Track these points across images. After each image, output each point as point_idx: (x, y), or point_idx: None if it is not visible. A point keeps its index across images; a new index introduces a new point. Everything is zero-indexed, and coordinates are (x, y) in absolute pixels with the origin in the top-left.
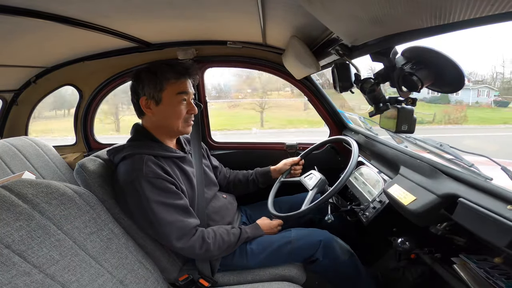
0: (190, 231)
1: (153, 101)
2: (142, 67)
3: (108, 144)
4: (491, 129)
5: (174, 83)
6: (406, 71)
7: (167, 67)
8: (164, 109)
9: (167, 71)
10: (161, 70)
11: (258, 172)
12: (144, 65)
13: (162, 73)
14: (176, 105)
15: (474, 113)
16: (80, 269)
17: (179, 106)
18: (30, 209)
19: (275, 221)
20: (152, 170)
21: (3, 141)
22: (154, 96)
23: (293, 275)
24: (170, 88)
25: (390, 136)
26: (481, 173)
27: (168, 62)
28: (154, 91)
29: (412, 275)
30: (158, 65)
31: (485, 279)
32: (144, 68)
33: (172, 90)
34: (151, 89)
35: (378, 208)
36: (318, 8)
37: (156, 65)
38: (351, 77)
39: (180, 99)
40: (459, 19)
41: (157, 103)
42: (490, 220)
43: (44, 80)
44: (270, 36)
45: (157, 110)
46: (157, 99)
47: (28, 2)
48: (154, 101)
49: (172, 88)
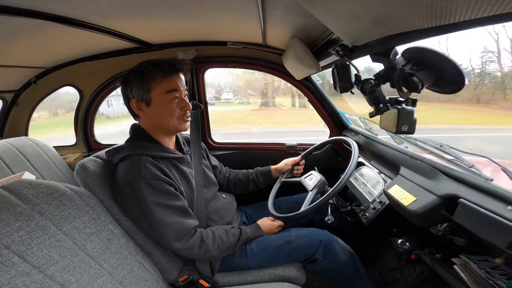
0: (189, 232)
1: (143, 102)
2: (129, 69)
3: (109, 144)
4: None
5: (161, 82)
6: (407, 72)
7: (153, 67)
8: (155, 110)
9: (153, 71)
10: (147, 70)
11: (258, 172)
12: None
13: (149, 73)
14: (168, 104)
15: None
16: (80, 269)
17: (171, 105)
18: (30, 210)
19: (276, 222)
20: (150, 172)
21: (3, 142)
22: (144, 98)
23: (293, 276)
24: (158, 87)
25: (390, 137)
26: (481, 174)
27: (154, 62)
28: (142, 92)
29: (411, 275)
30: (144, 65)
31: (485, 280)
32: (130, 71)
33: (161, 89)
34: (139, 91)
35: (378, 208)
36: (318, 8)
37: (142, 66)
38: (351, 78)
39: (171, 97)
40: (460, 20)
41: (147, 104)
42: (490, 221)
43: (45, 81)
44: (270, 37)
45: (149, 111)
46: (147, 100)
47: (28, 2)
48: (144, 103)
49: (160, 88)
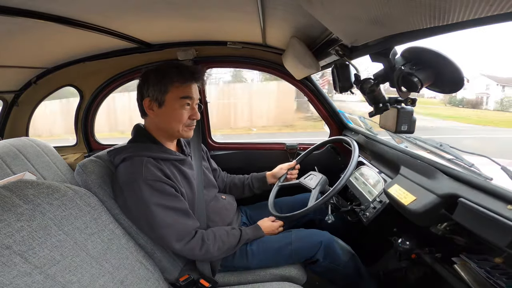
0: (190, 233)
1: (156, 103)
2: (150, 67)
3: (109, 145)
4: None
5: (179, 87)
6: (406, 72)
7: (174, 70)
8: (166, 112)
9: (173, 74)
10: (168, 72)
11: (254, 177)
12: (152, 65)
13: (169, 75)
14: (178, 109)
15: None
16: (81, 269)
17: (181, 110)
18: (32, 210)
19: (276, 223)
20: (151, 173)
21: (4, 142)
22: (158, 98)
23: (293, 276)
24: (175, 91)
25: (390, 137)
26: (481, 173)
27: (176, 65)
28: (158, 93)
29: (414, 275)
30: (166, 67)
31: (485, 279)
32: (152, 69)
33: (176, 93)
34: (155, 91)
35: (378, 208)
36: (318, 9)
37: (164, 67)
38: (351, 78)
39: (183, 103)
40: (458, 20)
41: (160, 105)
42: (490, 220)
43: (45, 81)
44: (270, 37)
45: (159, 112)
46: (160, 101)
47: (28, 2)
48: (157, 103)
49: (176, 92)
